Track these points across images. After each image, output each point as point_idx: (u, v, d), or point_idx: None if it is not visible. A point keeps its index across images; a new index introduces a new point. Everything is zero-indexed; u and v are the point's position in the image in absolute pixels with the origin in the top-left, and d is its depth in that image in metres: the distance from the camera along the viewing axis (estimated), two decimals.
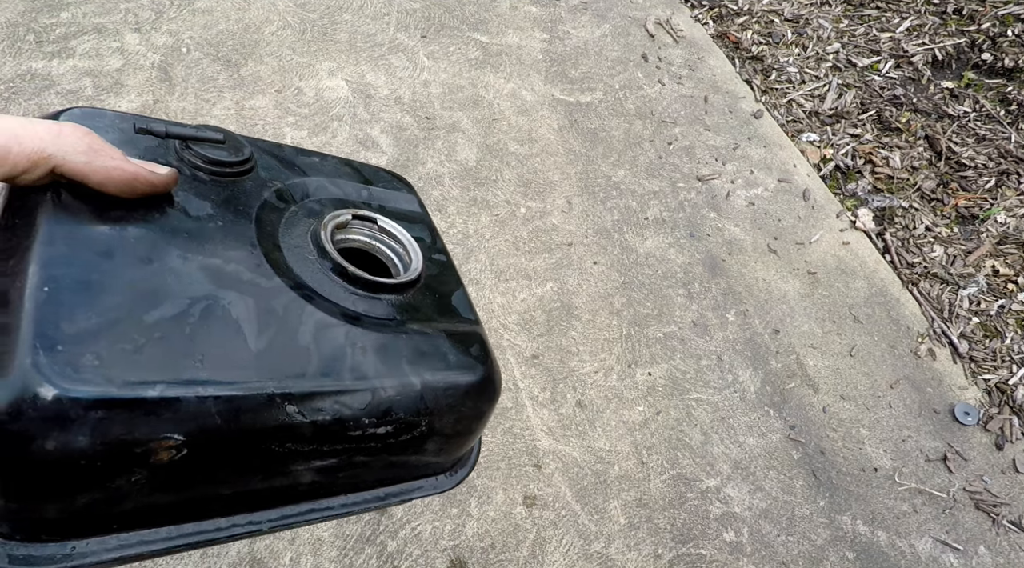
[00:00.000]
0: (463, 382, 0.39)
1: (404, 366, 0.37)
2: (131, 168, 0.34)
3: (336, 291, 0.38)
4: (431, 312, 0.42)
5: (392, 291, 0.41)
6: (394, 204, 0.50)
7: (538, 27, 2.32)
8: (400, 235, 0.46)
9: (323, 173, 0.49)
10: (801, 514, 1.43)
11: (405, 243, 0.46)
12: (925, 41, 2.55)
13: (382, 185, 0.52)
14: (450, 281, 0.47)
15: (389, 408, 0.35)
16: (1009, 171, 2.17)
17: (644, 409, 1.50)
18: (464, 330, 0.43)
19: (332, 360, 0.34)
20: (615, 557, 1.29)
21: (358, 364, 0.35)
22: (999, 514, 1.51)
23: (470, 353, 0.41)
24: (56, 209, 0.32)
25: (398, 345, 0.38)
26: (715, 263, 1.82)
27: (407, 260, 0.45)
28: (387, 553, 1.20)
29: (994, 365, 1.76)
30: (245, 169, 0.43)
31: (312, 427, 0.33)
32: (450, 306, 0.44)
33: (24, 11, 1.85)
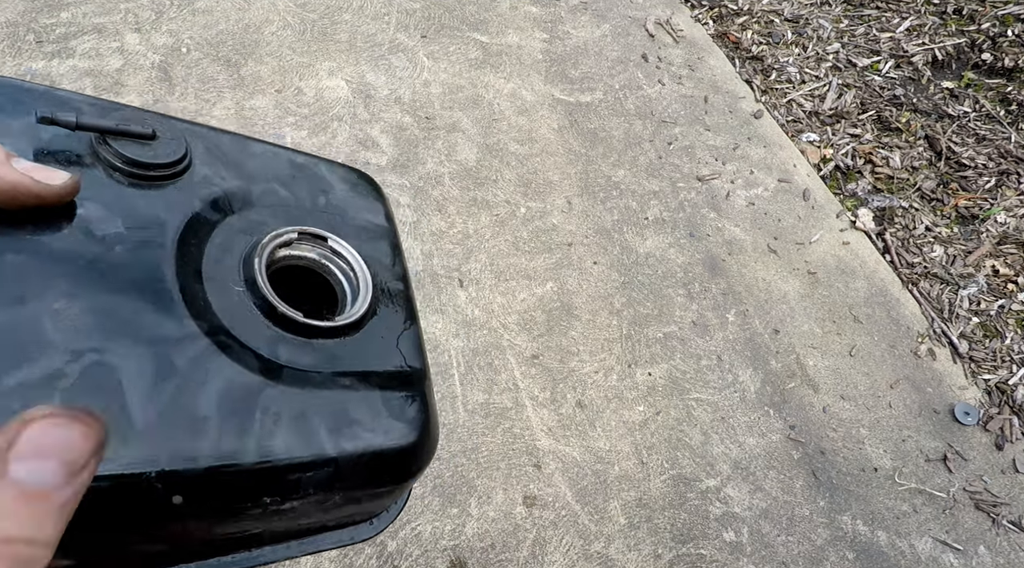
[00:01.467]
0: (389, 450, 0.34)
1: (322, 436, 0.31)
2: (12, 176, 0.27)
3: (260, 334, 0.32)
4: (371, 358, 0.37)
5: (328, 335, 0.35)
6: (355, 214, 0.43)
7: (538, 27, 2.32)
8: (353, 260, 0.40)
9: (274, 174, 0.41)
10: (801, 514, 1.43)
11: (357, 270, 0.39)
12: (925, 41, 2.55)
13: (343, 189, 0.44)
14: (401, 316, 0.41)
15: (297, 484, 0.31)
16: (1009, 171, 2.17)
17: (644, 409, 1.50)
18: (402, 386, 0.37)
19: (235, 434, 0.29)
20: (615, 557, 1.29)
21: (266, 436, 0.29)
22: (999, 514, 1.51)
23: (404, 415, 0.35)
24: None
25: (320, 408, 0.32)
26: (715, 263, 1.82)
27: (356, 290, 0.39)
28: (387, 553, 1.20)
29: (994, 365, 1.76)
30: (175, 172, 0.35)
31: (201, 510, 0.28)
32: (395, 350, 0.39)
33: (24, 11, 1.85)
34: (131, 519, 0.26)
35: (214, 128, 0.41)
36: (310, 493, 0.31)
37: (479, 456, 1.35)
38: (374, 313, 0.39)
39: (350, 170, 0.47)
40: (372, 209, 0.45)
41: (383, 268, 0.42)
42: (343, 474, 0.32)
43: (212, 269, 0.33)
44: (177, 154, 0.36)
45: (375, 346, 0.38)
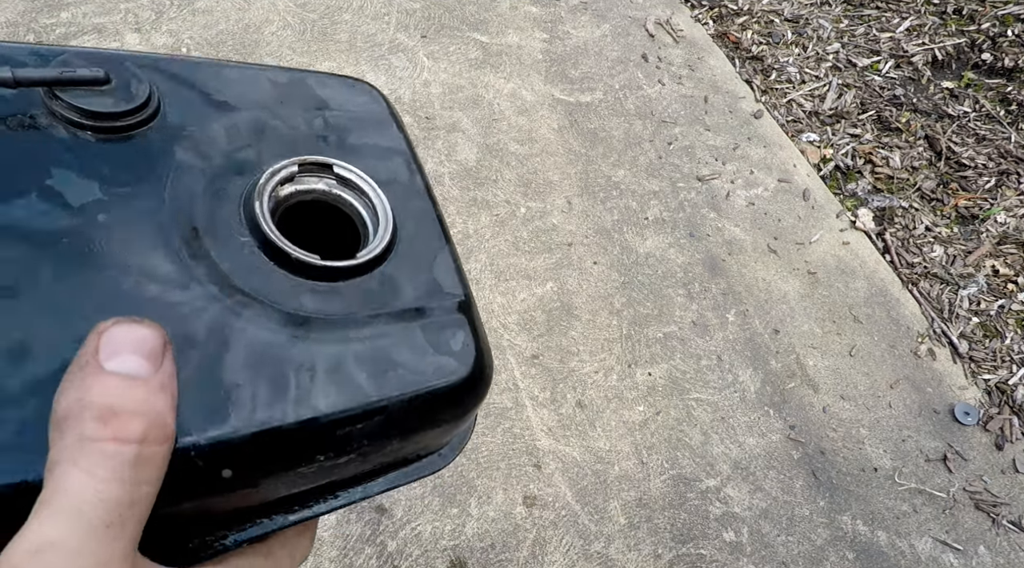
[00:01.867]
0: (441, 388, 0.32)
1: (364, 385, 0.29)
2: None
3: (277, 286, 0.30)
4: (405, 290, 0.34)
5: (352, 274, 0.32)
6: (359, 131, 0.39)
7: (538, 27, 2.32)
8: (365, 185, 0.35)
9: (257, 100, 0.36)
10: (801, 514, 1.43)
11: (372, 196, 0.35)
12: (925, 41, 2.55)
13: (341, 105, 0.39)
14: (431, 238, 0.37)
15: (349, 438, 0.29)
16: (1009, 171, 2.17)
17: (644, 409, 1.50)
18: (445, 314, 0.34)
19: (270, 398, 0.27)
20: (615, 557, 1.29)
21: (304, 395, 0.28)
22: (999, 514, 1.51)
23: (451, 348, 0.33)
24: None
25: (357, 355, 0.30)
26: (715, 263, 1.82)
27: (375, 217, 0.35)
28: (387, 553, 1.20)
29: (994, 365, 1.76)
30: (144, 118, 0.31)
31: (254, 478, 0.27)
32: (430, 278, 0.35)
33: (24, 11, 1.85)
34: (184, 496, 0.25)
35: (176, 56, 0.36)
36: (364, 444, 0.30)
37: (479, 456, 1.35)
38: (396, 240, 0.35)
39: (345, 80, 0.41)
40: (378, 122, 0.40)
41: (401, 187, 0.37)
42: (395, 420, 0.31)
43: (210, 223, 0.30)
44: (140, 97, 0.31)
45: (407, 277, 0.34)
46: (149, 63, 0.34)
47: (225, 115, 0.34)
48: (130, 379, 0.22)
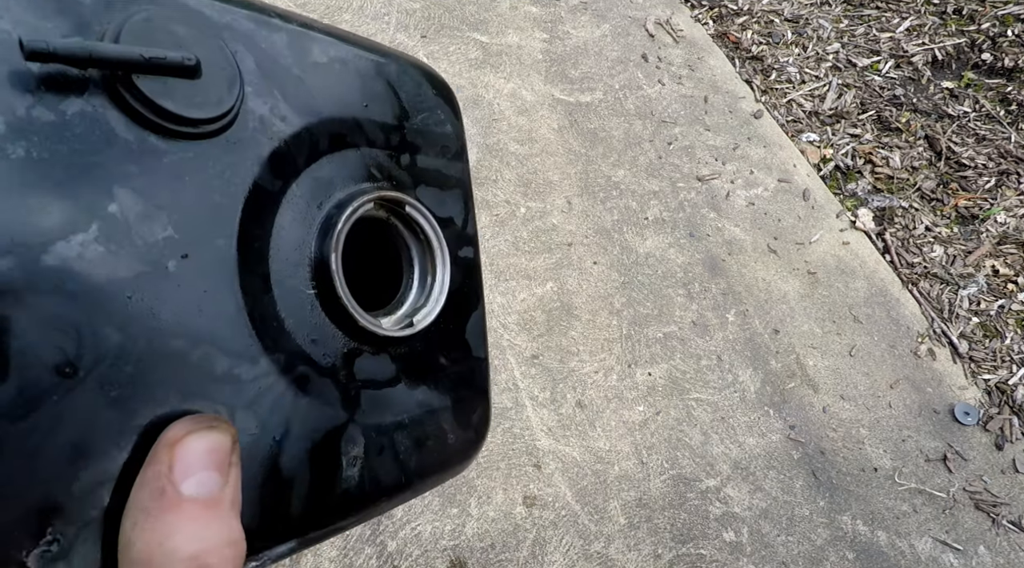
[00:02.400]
0: (456, 460, 0.33)
1: (400, 468, 0.30)
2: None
3: (335, 350, 0.27)
4: (441, 355, 0.33)
5: (404, 343, 0.31)
6: (433, 153, 0.35)
7: (538, 27, 2.32)
8: (430, 232, 0.33)
9: (343, 96, 0.31)
10: (801, 514, 1.43)
11: (434, 247, 0.33)
12: (925, 41, 2.55)
13: (421, 118, 0.36)
14: (472, 295, 0.35)
15: (374, 504, 0.30)
16: (1009, 171, 2.17)
17: (644, 409, 1.50)
18: (469, 386, 0.34)
19: (322, 490, 0.26)
20: (615, 557, 1.29)
21: (350, 481, 0.27)
22: (999, 514, 1.51)
23: (472, 422, 0.33)
24: None
25: (398, 436, 0.30)
26: (715, 263, 1.82)
27: (427, 277, 0.33)
28: (387, 553, 1.20)
29: (994, 365, 1.76)
30: (227, 122, 0.25)
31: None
32: (463, 340, 0.34)
33: None
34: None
35: (262, 13, 0.29)
36: (382, 505, 0.30)
37: (479, 456, 1.35)
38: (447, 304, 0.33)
39: (434, 80, 0.38)
40: (449, 144, 0.37)
41: (454, 230, 0.35)
42: (413, 489, 0.31)
43: (280, 268, 0.26)
44: (231, 98, 0.25)
45: (445, 336, 0.33)
46: (235, 30, 0.27)
47: (309, 118, 0.29)
48: (208, 505, 0.21)
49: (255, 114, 0.27)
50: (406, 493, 0.30)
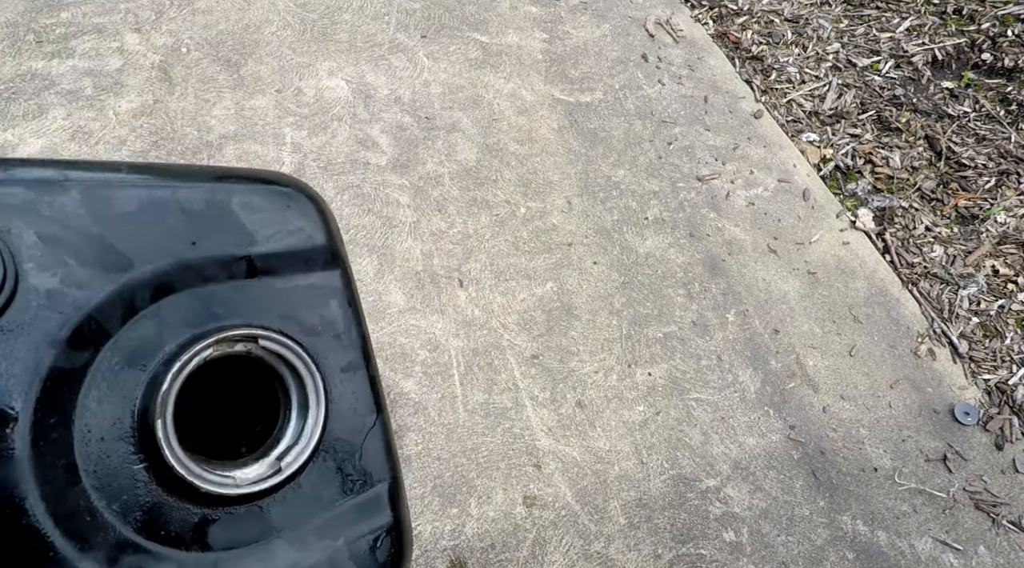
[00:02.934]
0: None
1: None
2: None
3: (182, 523, 0.24)
4: (331, 491, 0.29)
5: (268, 494, 0.27)
6: (294, 268, 0.31)
7: (538, 27, 2.32)
8: (296, 361, 0.29)
9: (163, 238, 0.27)
10: (801, 514, 1.43)
11: (303, 376, 0.30)
12: (925, 41, 2.55)
13: (267, 236, 0.31)
14: (364, 409, 0.31)
15: None
16: (1009, 171, 2.17)
17: (644, 409, 1.50)
18: (370, 518, 0.29)
19: None
20: (615, 557, 1.29)
21: None
22: (999, 514, 1.51)
23: (377, 561, 0.29)
24: None
25: None
26: (715, 263, 1.82)
27: (304, 410, 0.30)
28: None
29: (994, 365, 1.76)
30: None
31: None
32: (359, 466, 0.30)
33: (24, 11, 1.85)
34: None
35: (48, 172, 0.24)
36: None
37: (479, 456, 1.35)
38: (325, 438, 0.29)
39: (273, 190, 0.32)
40: (312, 252, 0.32)
41: (333, 341, 0.31)
42: None
43: (92, 451, 0.22)
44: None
45: (334, 471, 0.29)
46: (6, 200, 0.23)
47: (114, 276, 0.24)
48: None
49: (39, 290, 0.24)
50: None
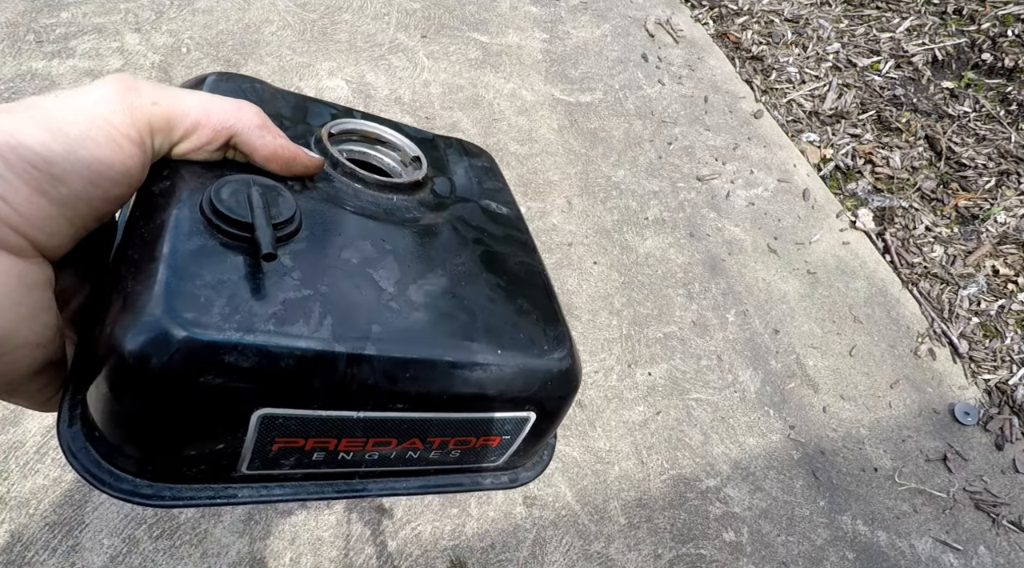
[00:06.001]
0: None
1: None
2: (293, 147, 0.36)
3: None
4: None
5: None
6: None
7: (538, 27, 2.32)
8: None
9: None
10: (801, 514, 1.43)
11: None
12: (925, 41, 2.55)
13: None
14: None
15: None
16: (1009, 171, 2.17)
17: (644, 409, 1.50)
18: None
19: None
20: (615, 557, 1.29)
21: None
22: (999, 514, 1.51)
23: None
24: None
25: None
26: (715, 263, 1.82)
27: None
28: (387, 553, 1.20)
29: (994, 365, 1.76)
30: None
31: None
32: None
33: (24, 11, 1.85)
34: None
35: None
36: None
37: None
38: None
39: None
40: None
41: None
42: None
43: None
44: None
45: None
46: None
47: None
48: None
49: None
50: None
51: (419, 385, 0.33)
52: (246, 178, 0.33)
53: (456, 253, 0.39)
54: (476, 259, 0.40)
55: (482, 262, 0.40)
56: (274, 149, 0.35)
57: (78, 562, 1.09)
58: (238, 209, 0.31)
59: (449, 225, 0.41)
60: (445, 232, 0.41)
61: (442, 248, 0.39)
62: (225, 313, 0.27)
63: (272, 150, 0.35)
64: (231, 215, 0.30)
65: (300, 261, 0.32)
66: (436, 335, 0.34)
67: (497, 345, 0.35)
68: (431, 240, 0.39)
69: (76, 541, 1.10)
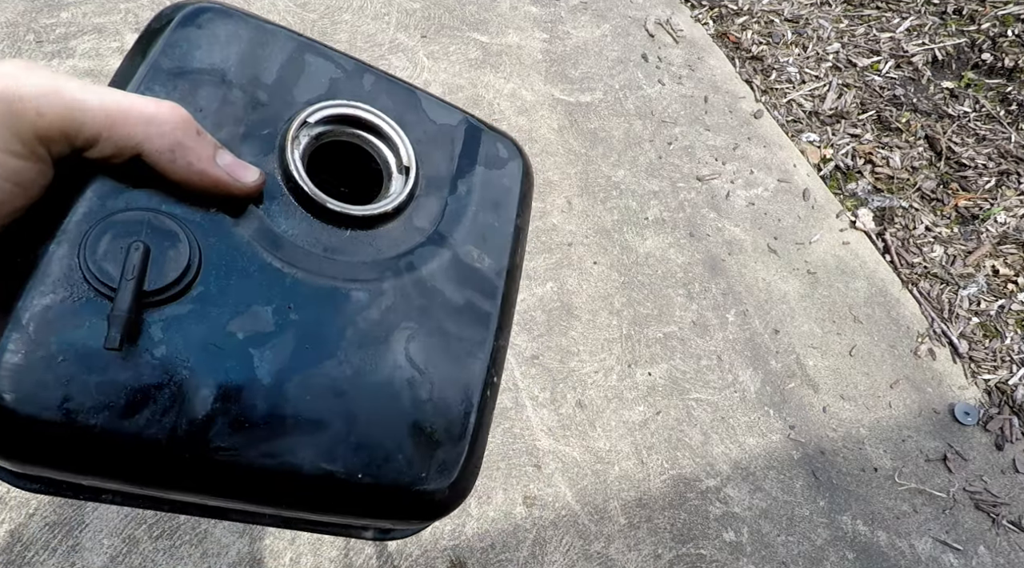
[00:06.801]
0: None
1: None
2: (214, 173, 0.30)
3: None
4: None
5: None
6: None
7: (538, 27, 2.32)
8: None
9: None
10: (801, 514, 1.43)
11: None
12: (925, 41, 2.55)
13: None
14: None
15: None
16: (1009, 171, 2.17)
17: (644, 409, 1.50)
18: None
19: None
20: (615, 557, 1.29)
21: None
22: (999, 514, 1.51)
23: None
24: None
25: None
26: (715, 263, 1.82)
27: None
28: (387, 553, 1.20)
29: (994, 365, 1.76)
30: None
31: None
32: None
33: (24, 11, 1.85)
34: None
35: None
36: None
37: None
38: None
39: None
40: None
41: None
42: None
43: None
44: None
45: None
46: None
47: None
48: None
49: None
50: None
51: (260, 493, 0.30)
52: (142, 217, 0.28)
53: (377, 335, 0.33)
54: (400, 347, 0.33)
55: (405, 352, 0.33)
56: (186, 177, 0.30)
57: (78, 562, 1.09)
58: (110, 266, 0.27)
59: (393, 290, 0.34)
60: (381, 301, 0.34)
61: (362, 326, 0.33)
62: (56, 395, 0.25)
63: (184, 177, 0.30)
64: (99, 276, 0.27)
65: (172, 333, 0.28)
66: (290, 445, 0.29)
67: (361, 467, 0.31)
68: (353, 312, 0.33)
69: (76, 541, 1.10)
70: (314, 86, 0.36)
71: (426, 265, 0.36)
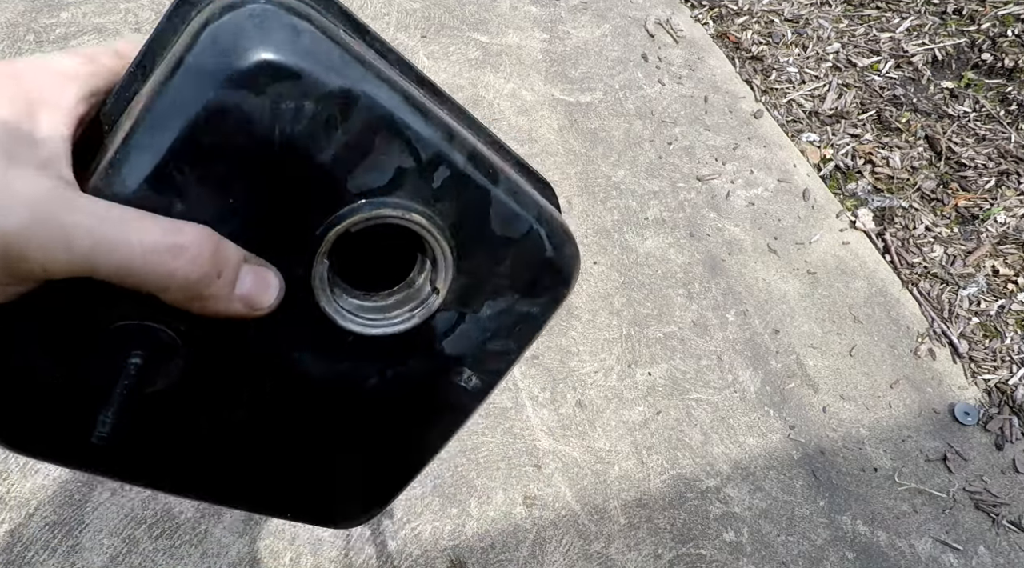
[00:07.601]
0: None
1: None
2: (231, 311, 0.27)
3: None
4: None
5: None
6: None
7: (538, 27, 2.32)
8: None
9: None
10: (801, 514, 1.43)
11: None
12: (925, 41, 2.55)
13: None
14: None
15: None
16: (1009, 171, 2.17)
17: (644, 409, 1.50)
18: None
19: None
20: (615, 557, 1.29)
21: None
22: (999, 514, 1.51)
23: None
24: None
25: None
26: (715, 263, 1.82)
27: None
28: (387, 553, 1.20)
29: (994, 365, 1.76)
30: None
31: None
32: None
33: (24, 11, 1.85)
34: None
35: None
36: None
37: (479, 456, 1.35)
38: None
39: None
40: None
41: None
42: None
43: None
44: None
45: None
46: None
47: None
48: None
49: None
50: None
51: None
52: (144, 328, 0.28)
53: (347, 406, 0.35)
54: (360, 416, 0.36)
55: (353, 419, 0.36)
56: (201, 313, 0.26)
57: (78, 562, 1.09)
58: (110, 366, 0.28)
59: (370, 390, 0.35)
60: (356, 387, 0.35)
61: (320, 422, 0.36)
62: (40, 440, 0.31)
63: (202, 313, 0.26)
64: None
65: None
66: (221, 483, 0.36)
67: (280, 510, 0.38)
68: (316, 415, 0.35)
69: (76, 541, 1.10)
70: (375, 175, 0.28)
71: (412, 373, 0.36)
